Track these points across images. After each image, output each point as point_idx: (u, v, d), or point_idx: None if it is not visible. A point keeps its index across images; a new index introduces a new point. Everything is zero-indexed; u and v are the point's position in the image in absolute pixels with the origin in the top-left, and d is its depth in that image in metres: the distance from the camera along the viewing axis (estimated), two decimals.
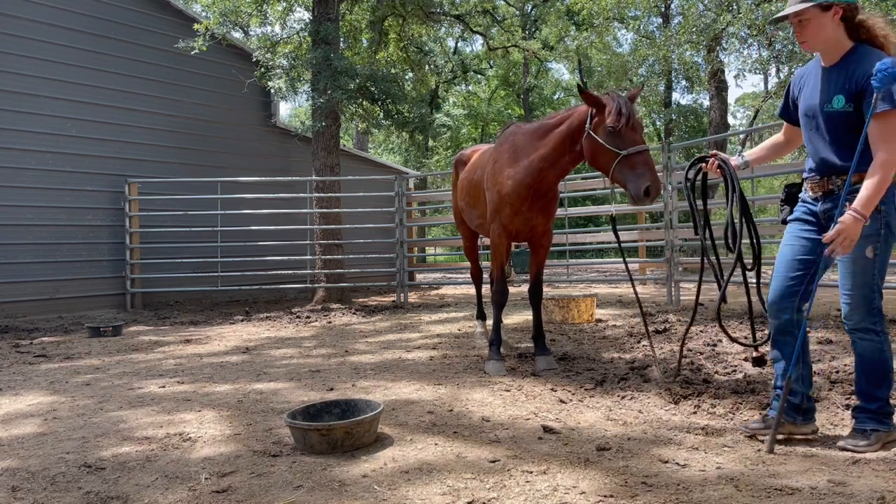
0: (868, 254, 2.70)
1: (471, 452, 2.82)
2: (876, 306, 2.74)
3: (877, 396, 2.77)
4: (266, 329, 7.33)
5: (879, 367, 2.76)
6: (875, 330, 2.74)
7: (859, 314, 2.74)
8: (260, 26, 11.18)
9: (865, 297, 2.73)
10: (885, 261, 2.74)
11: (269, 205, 10.53)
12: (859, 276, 2.73)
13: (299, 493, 2.43)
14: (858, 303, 2.74)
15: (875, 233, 2.69)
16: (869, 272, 2.72)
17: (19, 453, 3.02)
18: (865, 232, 2.66)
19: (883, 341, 2.75)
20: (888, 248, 2.73)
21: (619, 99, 3.84)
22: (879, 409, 2.76)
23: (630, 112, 3.79)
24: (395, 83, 10.37)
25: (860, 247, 2.68)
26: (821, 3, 2.71)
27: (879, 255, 2.71)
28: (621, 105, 3.80)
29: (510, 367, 4.60)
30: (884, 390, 2.77)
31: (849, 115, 2.70)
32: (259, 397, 3.98)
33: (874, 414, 2.76)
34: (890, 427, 2.75)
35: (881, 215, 2.68)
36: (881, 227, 2.69)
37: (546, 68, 33.32)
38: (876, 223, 2.68)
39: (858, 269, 2.73)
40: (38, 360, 5.61)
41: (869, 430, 2.73)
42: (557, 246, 13.07)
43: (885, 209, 2.69)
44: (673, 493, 2.31)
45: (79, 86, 9.30)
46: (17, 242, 8.67)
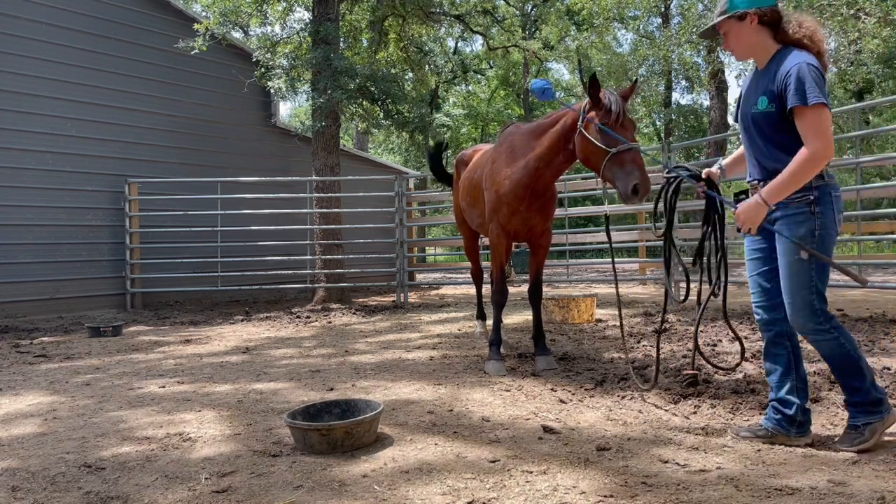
0: (803, 256, 2.65)
1: (471, 452, 2.82)
2: (818, 308, 2.68)
3: (857, 387, 2.73)
4: (266, 329, 7.33)
5: (847, 362, 2.71)
6: (824, 329, 2.69)
7: (802, 317, 2.70)
8: (260, 26, 11.18)
9: (805, 299, 2.68)
10: (825, 263, 2.69)
11: (269, 205, 10.53)
12: (796, 280, 2.69)
13: (299, 493, 2.43)
14: (799, 306, 2.70)
15: (808, 234, 2.65)
16: (806, 274, 2.67)
17: (19, 453, 3.02)
18: (799, 234, 2.65)
19: (837, 337, 2.69)
20: (826, 250, 2.67)
21: (610, 96, 3.82)
22: (865, 399, 2.71)
23: (620, 109, 3.76)
24: (395, 83, 10.37)
25: (794, 250, 2.66)
26: (735, 14, 2.75)
27: (817, 258, 2.66)
28: (612, 102, 3.78)
29: (510, 367, 4.60)
30: (861, 380, 2.72)
31: (772, 116, 2.70)
32: (259, 397, 3.98)
33: (862, 406, 2.72)
34: (882, 414, 2.71)
35: (815, 217, 2.65)
36: (816, 228, 2.65)
37: (546, 68, 33.29)
38: (809, 225, 2.65)
39: (794, 273, 2.69)
40: (38, 360, 5.61)
41: (862, 425, 2.70)
42: (557, 246, 13.07)
43: (821, 210, 2.65)
44: (673, 493, 2.31)
45: (79, 86, 9.30)
46: (17, 242, 8.68)
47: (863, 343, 4.84)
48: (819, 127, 2.57)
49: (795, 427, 2.79)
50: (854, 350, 2.71)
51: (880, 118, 24.41)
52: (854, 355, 2.70)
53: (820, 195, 2.66)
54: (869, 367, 2.74)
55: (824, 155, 2.58)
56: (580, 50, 23.41)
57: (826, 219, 2.66)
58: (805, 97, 2.56)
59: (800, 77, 2.58)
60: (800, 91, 2.57)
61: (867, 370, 2.72)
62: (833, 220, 2.68)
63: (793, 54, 2.66)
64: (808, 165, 2.59)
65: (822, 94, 2.56)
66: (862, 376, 2.71)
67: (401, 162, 29.13)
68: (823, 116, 2.57)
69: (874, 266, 11.32)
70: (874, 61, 18.99)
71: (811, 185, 2.65)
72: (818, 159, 2.58)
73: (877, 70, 20.71)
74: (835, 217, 2.68)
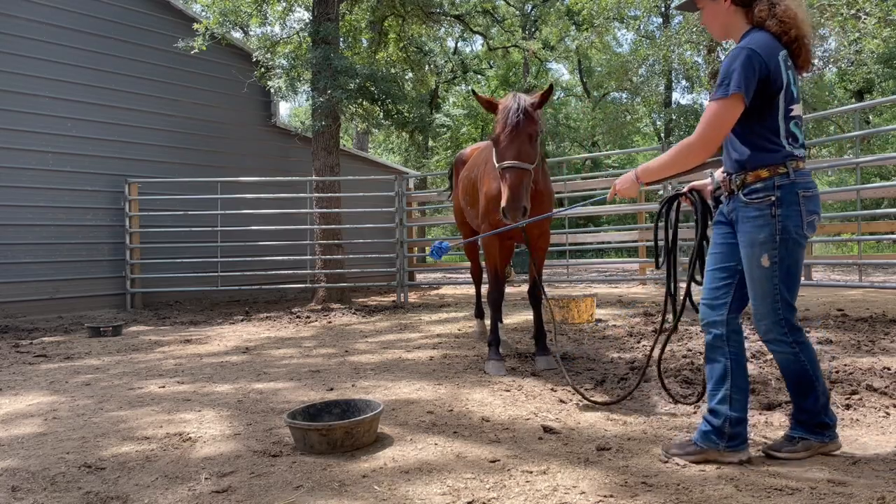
0: (764, 262, 2.48)
1: (471, 452, 2.82)
2: (783, 317, 2.51)
3: (806, 408, 2.60)
4: (266, 329, 7.33)
5: (802, 380, 2.57)
6: (786, 341, 2.53)
7: (766, 325, 2.56)
8: (260, 26, 11.17)
9: (769, 307, 2.52)
10: (791, 270, 2.50)
11: (269, 205, 10.53)
12: (759, 286, 2.53)
13: (299, 493, 2.43)
14: (763, 313, 2.55)
15: (769, 239, 2.47)
16: (768, 282, 2.49)
17: (19, 453, 3.02)
18: (759, 239, 2.49)
19: (798, 353, 2.54)
20: (790, 255, 2.48)
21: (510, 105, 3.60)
22: (811, 420, 2.59)
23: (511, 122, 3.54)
24: (395, 83, 10.38)
25: (755, 255, 2.50)
26: None
27: (780, 264, 2.47)
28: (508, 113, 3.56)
29: (510, 368, 4.59)
30: (811, 401, 2.58)
31: None
32: (259, 397, 3.98)
33: (806, 424, 2.61)
34: (822, 438, 2.59)
35: (775, 220, 2.45)
36: (776, 232, 2.45)
37: (546, 68, 33.31)
38: (769, 228, 2.46)
39: (756, 280, 2.52)
40: (38, 360, 5.61)
41: (797, 438, 2.60)
42: (558, 246, 13.07)
43: (783, 213, 2.45)
44: (673, 493, 2.31)
45: (79, 86, 9.30)
46: (17, 242, 8.68)
47: (863, 343, 4.84)
48: (709, 118, 2.46)
49: (725, 440, 2.55)
50: (813, 370, 2.57)
51: (880, 118, 24.42)
52: (811, 375, 2.57)
53: (783, 195, 2.45)
54: (825, 392, 2.61)
55: (700, 146, 2.48)
56: (580, 50, 23.41)
57: (789, 222, 2.45)
58: (716, 90, 2.45)
59: (723, 67, 2.46)
60: (717, 82, 2.48)
61: (822, 394, 2.59)
62: (800, 224, 2.47)
63: (746, 38, 2.52)
64: (681, 152, 2.53)
65: (740, 83, 2.39)
66: (814, 398, 2.58)
67: (401, 162, 29.12)
68: (722, 109, 2.43)
69: (874, 266, 11.32)
70: (874, 61, 19.00)
71: (773, 184, 2.45)
72: (693, 149, 2.50)
73: (877, 70, 20.72)
74: (802, 219, 2.47)
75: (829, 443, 2.62)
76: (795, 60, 2.52)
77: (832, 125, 23.20)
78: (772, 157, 2.47)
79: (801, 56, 2.52)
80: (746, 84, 2.39)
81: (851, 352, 4.57)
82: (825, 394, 2.61)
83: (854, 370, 3.97)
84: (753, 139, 2.50)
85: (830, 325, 5.75)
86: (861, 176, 8.23)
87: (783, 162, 2.46)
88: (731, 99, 2.41)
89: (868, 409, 3.21)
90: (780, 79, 2.44)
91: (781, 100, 2.45)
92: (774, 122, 2.47)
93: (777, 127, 2.47)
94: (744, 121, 2.49)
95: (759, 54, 2.41)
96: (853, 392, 3.48)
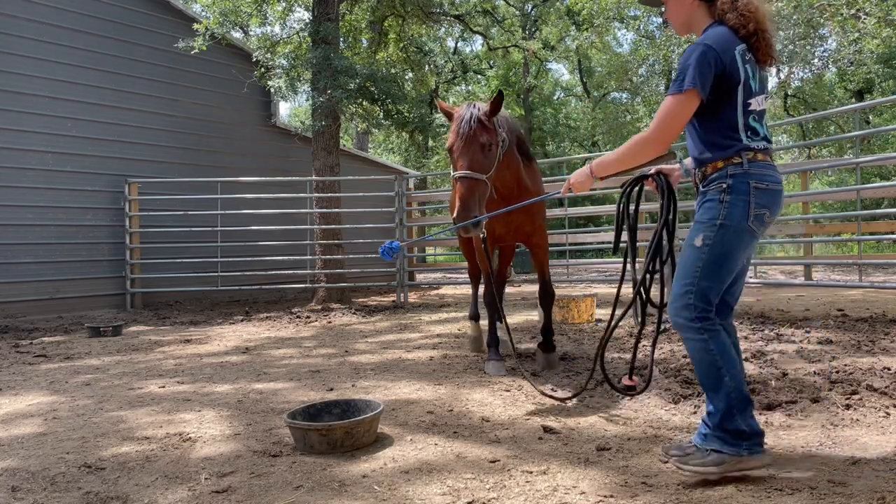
0: (697, 242, 2.44)
1: (471, 452, 2.82)
2: (692, 303, 2.42)
3: (713, 407, 2.41)
4: (266, 329, 7.33)
5: (708, 371, 2.41)
6: (693, 327, 2.43)
7: (675, 306, 2.47)
8: (260, 26, 11.18)
9: (682, 288, 2.45)
10: (720, 260, 2.42)
11: (269, 205, 10.53)
12: (682, 265, 2.48)
13: (299, 493, 2.43)
14: (676, 294, 2.47)
15: (709, 221, 2.43)
16: (692, 263, 2.44)
17: (19, 453, 3.02)
18: (702, 219, 2.45)
19: (707, 340, 2.41)
20: (724, 243, 2.41)
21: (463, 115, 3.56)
22: (722, 423, 2.37)
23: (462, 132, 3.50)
24: (395, 83, 10.38)
25: (692, 233, 2.47)
26: None
27: (710, 248, 2.41)
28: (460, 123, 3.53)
29: (510, 368, 4.59)
30: (718, 399, 2.39)
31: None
32: (259, 397, 3.98)
33: (718, 428, 2.39)
34: (738, 449, 2.35)
35: (722, 206, 2.41)
36: (718, 217, 2.41)
37: (546, 68, 33.30)
38: (714, 212, 2.42)
39: (685, 257, 2.47)
40: (38, 360, 5.61)
41: (708, 450, 2.38)
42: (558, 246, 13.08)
43: (730, 199, 2.40)
44: (673, 493, 2.31)
45: (79, 86, 9.30)
46: (18, 242, 8.68)
47: (863, 343, 4.84)
48: (663, 113, 2.43)
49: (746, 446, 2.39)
50: (724, 363, 2.39)
51: (880, 118, 24.42)
52: (717, 365, 2.39)
53: (734, 183, 2.41)
54: (740, 392, 2.38)
55: (655, 141, 2.45)
56: (580, 50, 23.40)
57: (734, 210, 2.39)
58: (673, 83, 2.43)
59: (683, 61, 2.43)
60: (675, 75, 2.44)
61: (733, 393, 2.37)
62: (745, 214, 2.39)
63: (705, 33, 2.50)
64: (636, 146, 2.50)
65: (695, 78, 2.36)
66: (719, 394, 2.39)
67: (401, 162, 29.12)
68: (677, 104, 2.41)
69: (874, 266, 11.32)
70: (874, 61, 18.99)
71: (727, 173, 2.43)
72: (648, 143, 2.47)
73: (877, 70, 20.72)
74: (749, 210, 2.39)
75: (749, 457, 2.36)
76: (755, 54, 2.48)
77: (832, 125, 23.21)
78: (728, 150, 2.44)
79: (760, 49, 2.48)
80: (702, 80, 2.37)
81: (851, 352, 4.57)
82: (741, 393, 2.38)
83: (854, 370, 3.97)
84: (712, 135, 2.48)
85: (830, 325, 5.75)
86: (861, 176, 8.23)
87: (738, 153, 2.43)
88: (686, 94, 2.39)
89: (868, 409, 3.21)
90: (738, 73, 2.41)
91: (740, 94, 2.43)
92: (733, 117, 2.45)
93: (735, 121, 2.45)
94: (703, 116, 2.47)
95: (715, 49, 2.39)
96: (853, 392, 3.48)
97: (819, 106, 21.65)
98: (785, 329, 5.59)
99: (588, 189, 2.85)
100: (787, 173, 11.96)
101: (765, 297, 8.42)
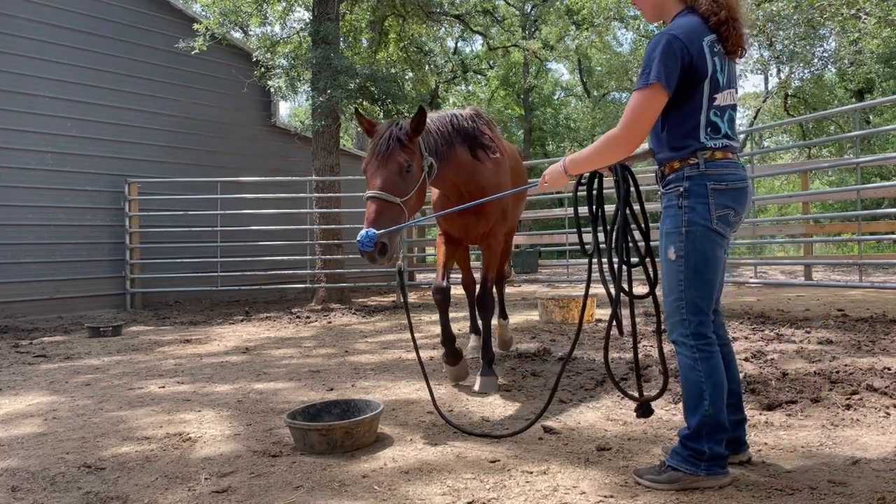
0: (670, 255, 2.36)
1: (471, 452, 2.82)
2: (686, 318, 2.35)
3: (687, 424, 2.38)
4: (266, 329, 7.33)
5: (691, 390, 2.37)
6: (686, 344, 2.36)
7: (670, 322, 2.42)
8: (260, 26, 11.18)
9: (673, 304, 2.39)
10: (699, 267, 2.34)
11: (269, 205, 10.53)
12: (666, 280, 2.41)
13: (299, 493, 2.43)
14: (669, 310, 2.42)
15: (674, 231, 2.35)
16: (674, 276, 2.37)
17: (19, 453, 3.02)
18: (666, 229, 2.39)
19: (697, 360, 2.34)
20: (697, 251, 2.33)
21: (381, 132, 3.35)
22: (689, 441, 2.35)
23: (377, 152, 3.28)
24: (395, 83, 10.37)
25: (663, 247, 2.40)
26: None
27: (685, 258, 2.33)
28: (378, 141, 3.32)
29: (510, 368, 4.59)
30: (693, 418, 2.35)
31: None
32: (259, 397, 3.98)
33: (685, 444, 2.36)
34: (697, 469, 2.31)
35: (682, 212, 2.33)
36: (682, 225, 2.33)
37: (546, 68, 33.32)
38: (675, 220, 2.35)
39: (665, 272, 2.41)
40: (38, 360, 5.61)
41: (668, 467, 2.36)
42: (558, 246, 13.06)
43: (689, 204, 2.32)
44: (673, 493, 2.31)
45: (79, 86, 9.30)
46: (17, 242, 8.68)
47: (863, 343, 4.84)
48: (632, 109, 2.30)
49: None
50: (709, 386, 2.33)
51: (880, 118, 24.41)
52: (700, 387, 2.33)
53: (690, 186, 2.33)
54: (714, 420, 2.33)
55: (624, 139, 2.33)
56: (580, 50, 23.40)
57: (695, 214, 2.31)
58: (639, 76, 2.32)
59: (648, 54, 2.31)
60: (641, 70, 2.32)
61: (708, 419, 2.32)
62: (707, 217, 2.31)
63: (676, 18, 2.40)
64: (604, 144, 2.38)
65: (660, 72, 2.25)
66: (695, 414, 2.34)
67: None
68: (643, 100, 2.28)
69: (874, 266, 11.32)
70: (874, 61, 18.99)
71: (683, 175, 2.34)
72: (617, 142, 2.35)
73: (877, 70, 20.72)
74: (710, 212, 2.31)
75: (706, 478, 2.32)
76: (725, 44, 2.36)
77: (832, 125, 23.22)
78: (684, 150, 2.35)
79: (730, 40, 2.36)
80: (667, 73, 2.25)
81: (852, 352, 4.57)
82: (716, 420, 2.33)
83: (854, 370, 3.97)
84: (671, 132, 2.39)
85: (831, 325, 5.74)
86: (861, 176, 8.23)
87: (694, 153, 2.34)
88: (652, 89, 2.26)
89: (868, 409, 3.21)
90: (705, 66, 2.30)
91: (706, 88, 2.32)
92: (696, 112, 2.34)
93: (698, 118, 2.34)
94: (665, 111, 2.35)
95: (681, 39, 2.27)
96: (853, 392, 3.48)
97: (819, 106, 21.65)
98: (785, 329, 5.59)
99: (563, 186, 2.71)
100: (787, 173, 11.96)
101: (765, 297, 8.42)
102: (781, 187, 28.27)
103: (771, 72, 25.55)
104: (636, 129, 2.32)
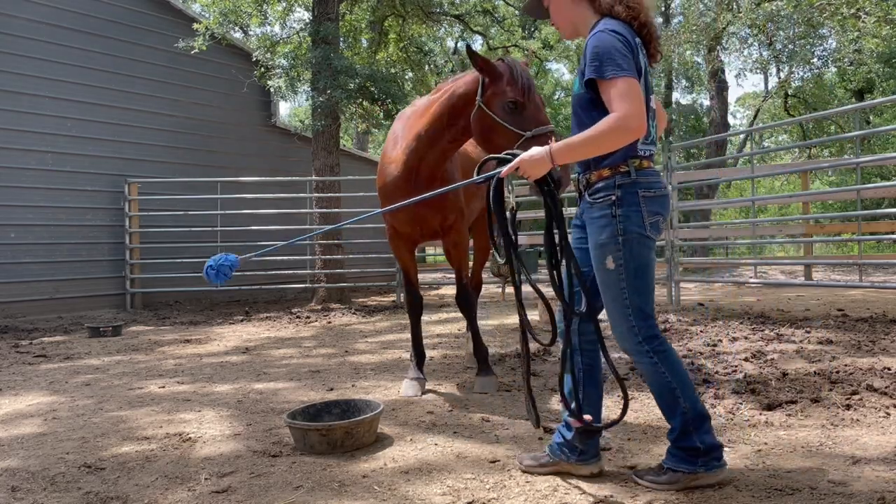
0: (608, 265, 2.33)
1: (471, 452, 2.82)
2: (634, 325, 2.33)
3: (672, 427, 2.38)
4: (266, 329, 7.33)
5: (663, 392, 2.36)
6: (641, 350, 2.35)
7: (618, 333, 2.40)
8: (260, 26, 11.18)
9: (619, 313, 2.36)
10: (639, 272, 2.32)
11: (269, 205, 10.53)
12: (607, 291, 2.38)
13: (299, 493, 2.43)
14: (615, 321, 2.39)
15: (610, 241, 2.31)
16: (615, 286, 2.34)
17: (19, 453, 3.02)
18: (601, 240, 2.33)
19: (656, 363, 2.33)
20: (636, 258, 2.31)
21: (517, 67, 3.18)
22: (678, 442, 2.34)
23: (532, 85, 3.11)
24: (395, 83, 10.37)
25: (599, 258, 2.35)
26: None
27: (625, 266, 2.31)
28: (523, 76, 3.13)
29: (511, 367, 4.59)
30: (675, 419, 2.35)
31: (584, 99, 2.33)
32: (259, 397, 3.98)
33: (675, 446, 2.36)
34: (694, 467, 2.31)
35: (616, 220, 2.29)
36: (617, 233, 2.29)
37: (546, 68, 33.30)
38: (611, 229, 2.30)
39: (604, 283, 2.38)
40: (38, 360, 5.61)
41: (666, 469, 2.36)
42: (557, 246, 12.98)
43: (623, 213, 2.29)
44: (673, 493, 2.31)
45: (79, 86, 9.30)
46: (17, 242, 8.68)
47: (863, 343, 4.84)
48: (624, 93, 2.15)
49: (576, 454, 2.47)
50: (677, 382, 2.33)
51: (880, 118, 24.41)
52: (671, 387, 2.33)
53: (623, 195, 2.29)
54: (696, 410, 2.33)
55: (634, 122, 2.15)
56: (580, 50, 23.39)
57: (630, 223, 2.29)
58: (601, 70, 2.19)
59: (594, 48, 2.22)
60: (594, 63, 2.21)
61: (690, 412, 2.32)
62: (642, 224, 2.30)
63: (598, 24, 2.32)
64: (611, 131, 2.15)
65: (622, 65, 2.17)
66: (675, 415, 2.34)
67: None
68: (627, 84, 2.16)
69: (874, 266, 11.33)
70: (874, 61, 18.99)
71: (614, 184, 2.30)
72: (625, 125, 2.14)
73: (877, 69, 20.72)
74: (644, 220, 2.30)
75: (705, 474, 2.31)
76: (648, 48, 2.35)
77: (832, 125, 23.21)
78: (615, 155, 2.29)
79: (651, 44, 2.35)
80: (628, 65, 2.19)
81: (852, 352, 4.57)
82: (696, 412, 2.33)
83: (854, 370, 3.97)
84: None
85: (830, 325, 5.74)
86: (861, 176, 8.23)
87: (625, 160, 2.30)
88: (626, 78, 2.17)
89: (868, 410, 3.21)
90: (641, 65, 2.27)
91: (641, 88, 2.25)
92: None
93: None
94: (597, 110, 2.26)
95: (625, 35, 2.25)
96: (853, 392, 3.48)
97: (819, 106, 21.64)
98: (785, 329, 5.58)
99: (541, 175, 2.36)
100: (788, 173, 11.96)
101: (765, 297, 8.42)
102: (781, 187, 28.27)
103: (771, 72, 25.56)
104: (640, 109, 2.16)
